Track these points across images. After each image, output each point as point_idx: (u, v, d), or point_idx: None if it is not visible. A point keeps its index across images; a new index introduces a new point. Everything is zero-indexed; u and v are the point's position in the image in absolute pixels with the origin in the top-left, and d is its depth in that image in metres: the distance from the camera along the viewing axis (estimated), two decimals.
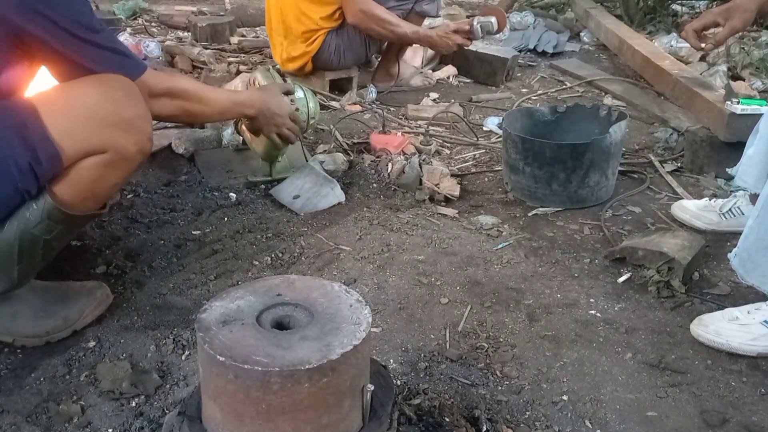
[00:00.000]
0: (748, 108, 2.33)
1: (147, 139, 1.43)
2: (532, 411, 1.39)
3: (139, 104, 1.40)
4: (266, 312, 1.05)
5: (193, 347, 1.53)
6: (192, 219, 2.11)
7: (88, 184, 1.40)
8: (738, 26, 2.02)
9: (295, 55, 3.19)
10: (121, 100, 1.37)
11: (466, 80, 3.73)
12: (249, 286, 1.11)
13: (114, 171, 1.41)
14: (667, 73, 3.15)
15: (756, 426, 1.37)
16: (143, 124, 1.41)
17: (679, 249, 1.84)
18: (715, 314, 1.63)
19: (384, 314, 1.69)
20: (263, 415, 0.95)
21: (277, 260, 1.92)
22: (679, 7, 4.91)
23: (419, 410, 1.31)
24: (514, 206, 2.30)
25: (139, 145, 1.40)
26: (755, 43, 3.87)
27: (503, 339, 1.61)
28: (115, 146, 1.37)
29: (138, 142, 1.40)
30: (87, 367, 1.46)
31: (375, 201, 2.29)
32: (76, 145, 1.35)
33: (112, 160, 1.38)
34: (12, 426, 1.31)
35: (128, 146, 1.39)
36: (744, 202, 2.06)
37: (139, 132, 1.40)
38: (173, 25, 4.61)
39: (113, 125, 1.36)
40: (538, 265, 1.94)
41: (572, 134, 2.42)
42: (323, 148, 2.62)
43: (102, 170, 1.39)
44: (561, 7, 5.23)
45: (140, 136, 1.40)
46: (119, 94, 1.38)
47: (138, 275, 1.81)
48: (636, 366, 1.53)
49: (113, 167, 1.40)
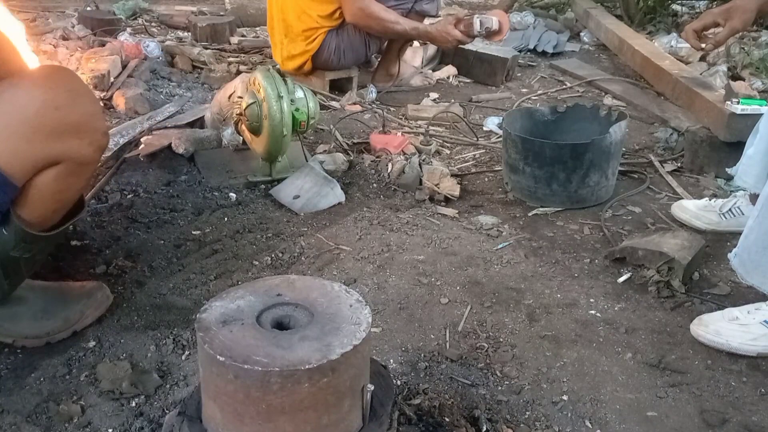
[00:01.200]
0: (748, 108, 2.33)
1: (102, 136, 1.31)
2: (532, 411, 1.39)
3: (85, 100, 1.28)
4: (266, 312, 1.05)
5: (193, 347, 1.53)
6: (192, 219, 2.11)
7: (53, 197, 1.32)
8: (738, 27, 2.02)
9: (295, 53, 3.19)
10: (65, 102, 1.23)
11: (466, 80, 3.73)
12: (249, 286, 1.11)
13: (75, 178, 1.32)
14: (667, 73, 3.15)
15: (756, 426, 1.37)
16: (95, 122, 1.29)
17: (679, 249, 1.84)
18: (715, 314, 1.63)
19: (384, 314, 1.69)
20: (263, 415, 0.95)
21: (277, 260, 1.92)
22: (679, 7, 4.91)
23: (419, 410, 1.31)
24: (514, 206, 2.30)
25: (94, 144, 1.29)
26: (755, 43, 3.87)
27: (503, 339, 1.61)
28: (68, 155, 1.26)
29: (93, 142, 1.29)
30: (87, 367, 1.46)
31: (375, 201, 2.29)
32: (26, 164, 1.23)
33: (70, 168, 1.28)
34: (12, 426, 1.31)
35: (83, 150, 1.28)
36: (744, 202, 2.06)
37: (92, 131, 1.28)
38: (173, 25, 4.61)
39: (61, 133, 1.24)
40: (538, 265, 1.94)
41: (572, 134, 2.42)
42: (323, 148, 2.62)
43: (62, 181, 1.29)
44: (561, 7, 5.23)
45: (94, 136, 1.29)
46: (61, 96, 1.23)
47: (138, 275, 1.81)
48: (636, 366, 1.53)
49: (73, 175, 1.30)
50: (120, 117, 2.93)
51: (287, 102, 2.20)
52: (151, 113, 2.88)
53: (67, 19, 4.40)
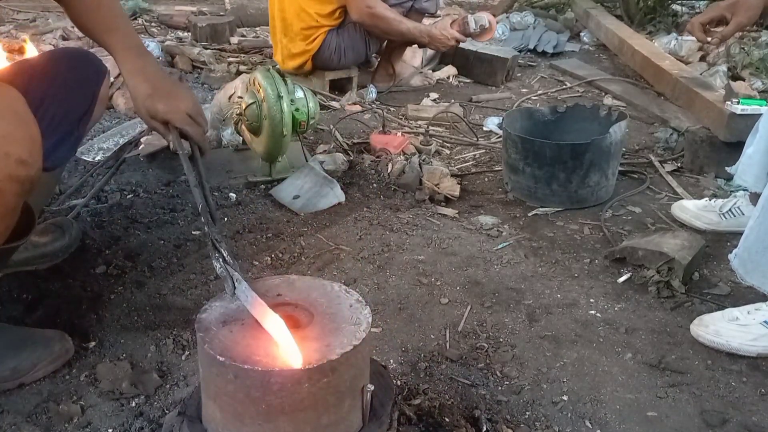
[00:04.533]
0: (748, 108, 2.33)
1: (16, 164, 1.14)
2: (532, 411, 1.39)
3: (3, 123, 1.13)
4: None
5: (193, 347, 1.53)
6: (192, 219, 2.10)
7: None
8: (744, 22, 2.01)
9: (295, 52, 3.20)
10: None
11: (466, 80, 3.73)
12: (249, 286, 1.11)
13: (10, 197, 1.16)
14: (667, 73, 3.15)
15: (756, 426, 1.37)
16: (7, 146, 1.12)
17: (679, 249, 1.84)
18: (715, 314, 1.63)
19: (384, 314, 1.69)
20: (263, 415, 0.95)
21: (277, 260, 1.92)
22: (679, 7, 4.91)
23: (419, 410, 1.31)
24: (514, 206, 2.30)
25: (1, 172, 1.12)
26: (755, 43, 3.87)
27: (503, 339, 1.61)
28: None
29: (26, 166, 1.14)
30: (87, 367, 1.46)
31: (375, 201, 2.29)
32: None
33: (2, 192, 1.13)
34: (12, 426, 1.31)
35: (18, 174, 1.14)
36: (744, 202, 2.06)
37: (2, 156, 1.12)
38: (173, 25, 4.61)
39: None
40: (538, 265, 1.94)
41: (572, 134, 2.42)
42: (323, 148, 2.62)
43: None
44: (561, 7, 5.23)
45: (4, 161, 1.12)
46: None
47: (138, 275, 1.81)
48: (636, 366, 1.53)
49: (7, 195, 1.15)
50: (120, 117, 2.93)
51: (287, 102, 2.20)
52: None
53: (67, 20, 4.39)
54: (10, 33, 4.16)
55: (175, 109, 1.40)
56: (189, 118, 1.42)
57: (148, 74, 1.43)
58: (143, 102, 1.42)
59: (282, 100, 2.19)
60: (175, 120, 1.41)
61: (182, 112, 1.41)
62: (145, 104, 1.41)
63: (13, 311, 1.62)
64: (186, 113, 1.41)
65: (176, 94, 1.42)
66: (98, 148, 2.57)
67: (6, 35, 4.07)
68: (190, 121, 1.42)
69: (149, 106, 1.41)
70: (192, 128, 1.42)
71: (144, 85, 1.42)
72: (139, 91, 1.42)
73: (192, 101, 1.44)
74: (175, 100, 1.41)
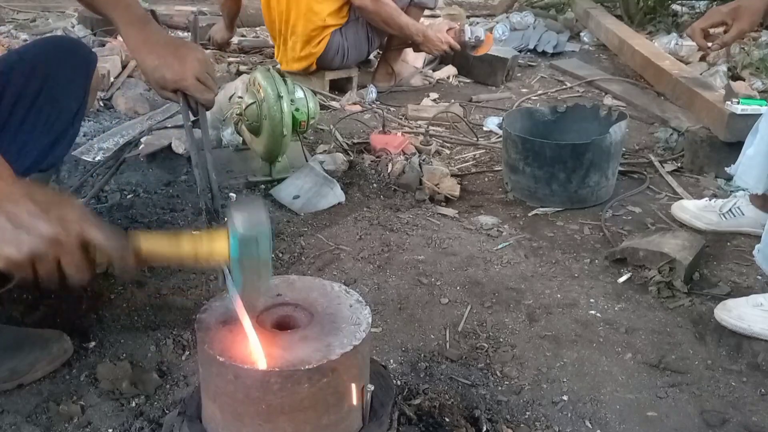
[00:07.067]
0: (748, 108, 2.33)
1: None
2: (532, 411, 1.39)
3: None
4: (266, 312, 1.05)
5: (193, 347, 1.53)
6: (192, 219, 2.10)
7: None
8: (746, 28, 2.00)
9: (302, 55, 3.20)
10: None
11: (466, 80, 3.73)
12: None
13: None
14: (667, 73, 3.15)
15: (756, 426, 1.37)
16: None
17: (679, 249, 1.84)
18: (739, 300, 1.65)
19: (384, 314, 1.69)
20: (263, 415, 0.95)
21: (277, 260, 1.92)
22: (679, 7, 4.91)
23: (419, 410, 1.31)
24: (514, 206, 2.30)
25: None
26: (755, 43, 3.87)
27: (503, 339, 1.61)
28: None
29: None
30: (87, 367, 1.46)
31: (375, 201, 2.29)
32: None
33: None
34: (12, 426, 1.31)
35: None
36: (744, 202, 2.06)
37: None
38: (173, 25, 4.60)
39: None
40: (538, 265, 1.94)
41: (572, 134, 2.42)
42: (323, 148, 2.62)
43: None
44: (561, 7, 5.23)
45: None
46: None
47: (138, 275, 1.81)
48: (636, 366, 1.53)
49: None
50: (120, 117, 2.93)
51: (287, 102, 2.20)
52: (151, 113, 2.89)
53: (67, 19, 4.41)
54: (10, 33, 4.16)
55: (183, 76, 1.38)
56: (198, 83, 1.39)
57: (153, 45, 1.40)
58: (152, 75, 1.39)
59: (282, 100, 2.19)
60: (184, 87, 1.38)
61: (191, 78, 1.38)
62: (154, 76, 1.39)
63: (13, 311, 1.62)
64: (195, 77, 1.38)
65: (183, 58, 1.38)
66: (98, 148, 2.57)
67: (6, 35, 4.07)
68: (199, 87, 1.39)
69: (158, 78, 1.38)
70: (202, 95, 1.40)
71: (150, 57, 1.39)
72: (147, 65, 1.39)
73: (199, 62, 1.40)
74: (182, 66, 1.38)
